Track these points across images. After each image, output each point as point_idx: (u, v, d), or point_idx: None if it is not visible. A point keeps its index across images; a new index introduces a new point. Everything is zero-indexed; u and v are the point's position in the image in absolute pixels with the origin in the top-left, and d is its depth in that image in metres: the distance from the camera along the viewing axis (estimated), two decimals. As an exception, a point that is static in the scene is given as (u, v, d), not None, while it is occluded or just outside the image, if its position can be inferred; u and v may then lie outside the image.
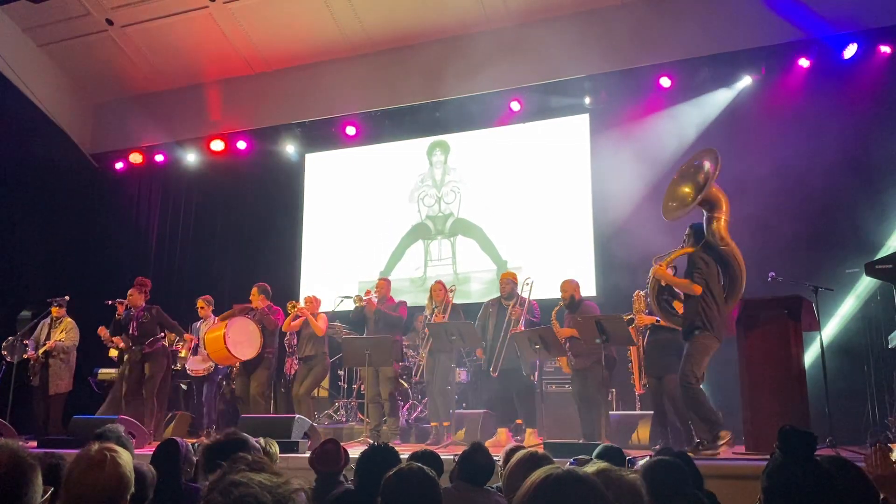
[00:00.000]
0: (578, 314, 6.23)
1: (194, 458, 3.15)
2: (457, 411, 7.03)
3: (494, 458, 3.06)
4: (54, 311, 8.05)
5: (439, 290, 7.07)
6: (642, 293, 6.22)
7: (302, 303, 7.75)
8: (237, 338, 7.13)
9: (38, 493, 1.59)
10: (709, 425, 5.07)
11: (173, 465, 2.98)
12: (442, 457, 3.17)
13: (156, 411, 7.32)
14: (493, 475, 2.98)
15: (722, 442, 4.93)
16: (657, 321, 5.93)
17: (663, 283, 5.53)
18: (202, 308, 8.07)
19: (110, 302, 7.77)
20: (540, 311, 6.81)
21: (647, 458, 2.84)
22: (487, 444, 6.07)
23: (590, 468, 1.67)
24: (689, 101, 8.18)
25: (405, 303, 7.47)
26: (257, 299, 7.45)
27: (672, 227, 6.91)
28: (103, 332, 7.69)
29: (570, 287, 6.56)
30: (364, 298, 7.17)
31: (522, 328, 6.44)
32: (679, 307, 5.55)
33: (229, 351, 7.08)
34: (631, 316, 6.14)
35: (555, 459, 2.50)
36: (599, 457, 2.98)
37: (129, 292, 7.59)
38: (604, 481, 1.49)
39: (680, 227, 5.78)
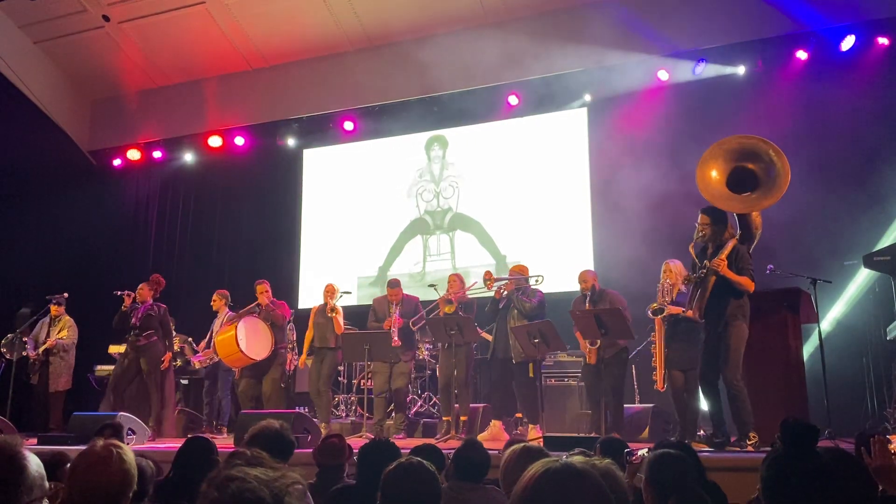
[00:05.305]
0: (602, 304, 6.08)
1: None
2: (456, 405, 7.00)
3: (491, 451, 3.04)
4: (53, 309, 8.02)
5: (454, 283, 6.96)
6: (667, 283, 5.72)
7: (321, 296, 7.40)
8: (249, 338, 6.94)
9: (36, 488, 1.59)
10: (742, 426, 4.96)
11: (206, 465, 2.88)
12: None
13: (158, 407, 7.16)
14: (488, 470, 2.93)
15: (751, 442, 4.84)
16: (683, 312, 5.57)
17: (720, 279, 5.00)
18: (214, 301, 7.86)
19: (119, 293, 7.51)
20: (539, 300, 6.60)
21: (647, 450, 2.83)
22: (481, 437, 6.12)
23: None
24: (687, 94, 8.18)
25: (418, 299, 7.36)
26: (262, 296, 7.32)
27: (671, 222, 6.89)
28: (128, 300, 7.42)
29: (589, 277, 6.34)
30: (394, 334, 6.80)
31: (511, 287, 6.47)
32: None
33: (243, 353, 6.86)
34: (659, 306, 5.64)
35: (551, 453, 2.51)
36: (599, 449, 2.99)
37: (140, 286, 7.43)
38: None
39: (678, 221, 5.75)
